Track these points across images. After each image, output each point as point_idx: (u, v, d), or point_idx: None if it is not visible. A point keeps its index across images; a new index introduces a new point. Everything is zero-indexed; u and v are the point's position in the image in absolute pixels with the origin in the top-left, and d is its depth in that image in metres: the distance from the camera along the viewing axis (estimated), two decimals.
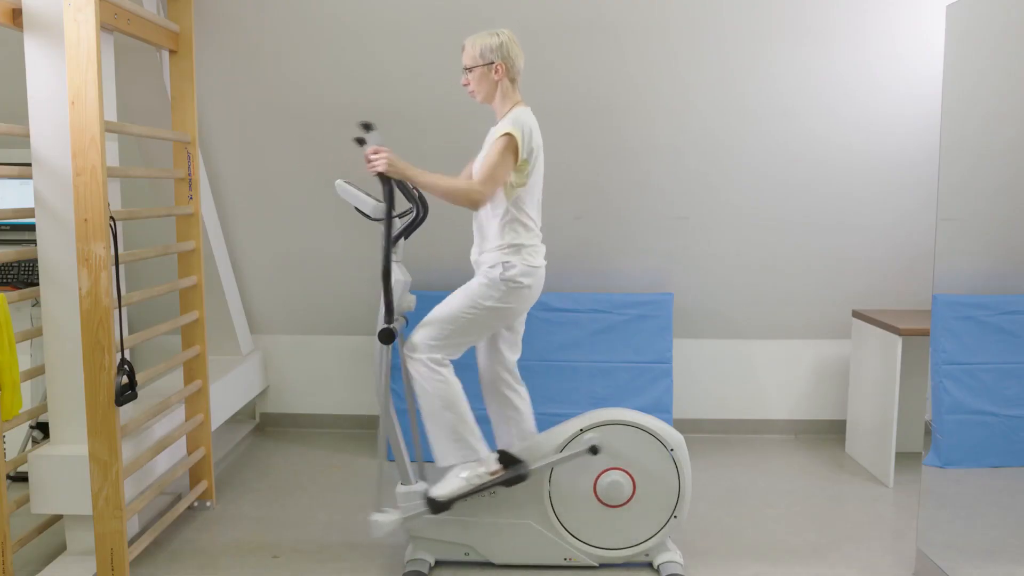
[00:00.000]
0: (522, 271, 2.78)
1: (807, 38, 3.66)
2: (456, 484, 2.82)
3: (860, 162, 3.93)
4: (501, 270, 2.77)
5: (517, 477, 2.84)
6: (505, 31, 2.81)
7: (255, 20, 3.66)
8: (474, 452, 2.81)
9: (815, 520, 3.43)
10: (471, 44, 2.80)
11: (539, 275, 2.85)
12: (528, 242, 2.81)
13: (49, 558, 2.93)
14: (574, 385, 4.07)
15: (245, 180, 4.08)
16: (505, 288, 2.77)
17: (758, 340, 4.44)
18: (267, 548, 3.16)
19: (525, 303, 2.86)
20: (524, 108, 2.83)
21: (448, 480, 2.84)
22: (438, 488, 2.84)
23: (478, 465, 2.82)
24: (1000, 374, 2.97)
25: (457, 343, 2.82)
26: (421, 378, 2.78)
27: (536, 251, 2.84)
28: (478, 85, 2.82)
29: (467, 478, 2.81)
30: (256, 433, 4.56)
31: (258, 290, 4.40)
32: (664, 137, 3.90)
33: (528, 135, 2.73)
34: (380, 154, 2.68)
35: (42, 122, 2.73)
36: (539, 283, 2.87)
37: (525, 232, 2.81)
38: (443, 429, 2.79)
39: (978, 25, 2.70)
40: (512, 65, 2.80)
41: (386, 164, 2.68)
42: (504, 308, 2.81)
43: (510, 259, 2.78)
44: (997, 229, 2.84)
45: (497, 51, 2.78)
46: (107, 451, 2.66)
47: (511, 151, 2.70)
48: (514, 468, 2.85)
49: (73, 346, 2.74)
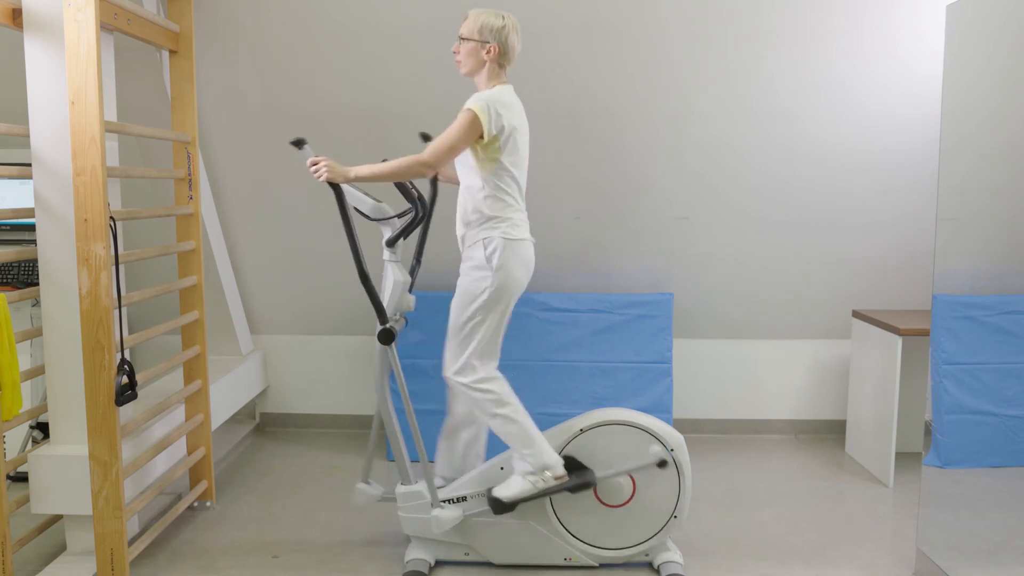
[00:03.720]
0: (500, 245, 2.76)
1: (807, 39, 3.66)
2: (522, 487, 2.80)
3: (860, 162, 3.93)
4: (482, 248, 2.77)
5: (584, 484, 2.84)
6: (511, 17, 2.81)
7: (255, 20, 3.66)
8: (542, 457, 2.81)
9: (815, 520, 3.43)
10: (473, 17, 2.80)
11: (522, 248, 2.82)
12: (507, 216, 2.79)
13: (49, 558, 2.93)
14: (574, 385, 4.07)
15: (245, 180, 4.08)
16: (491, 268, 2.76)
17: (758, 340, 4.44)
18: (267, 548, 3.16)
19: (518, 275, 2.82)
20: (504, 87, 2.82)
21: (513, 482, 2.83)
22: (503, 489, 2.83)
23: (544, 469, 2.82)
24: (1000, 374, 2.97)
25: (483, 347, 2.82)
26: (474, 403, 2.82)
27: (516, 224, 2.81)
28: (466, 58, 2.82)
29: (533, 481, 2.80)
30: (256, 433, 4.56)
31: (258, 290, 4.40)
32: (664, 137, 3.90)
33: (495, 114, 2.70)
34: (319, 164, 2.68)
35: (42, 122, 2.73)
36: (526, 254, 2.83)
37: (504, 207, 2.78)
38: (512, 439, 2.81)
39: (978, 25, 2.70)
40: (506, 51, 2.80)
41: (328, 172, 2.67)
42: (501, 287, 2.78)
43: (489, 234, 2.77)
44: (997, 229, 2.84)
45: (496, 33, 2.77)
46: (107, 451, 2.66)
47: (470, 126, 2.68)
48: (580, 475, 2.85)
49: (73, 346, 2.74)
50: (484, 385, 2.80)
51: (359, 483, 3.05)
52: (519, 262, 2.81)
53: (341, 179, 2.70)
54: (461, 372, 2.82)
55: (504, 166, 2.77)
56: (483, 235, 2.78)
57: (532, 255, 2.87)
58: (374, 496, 3.04)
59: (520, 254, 2.81)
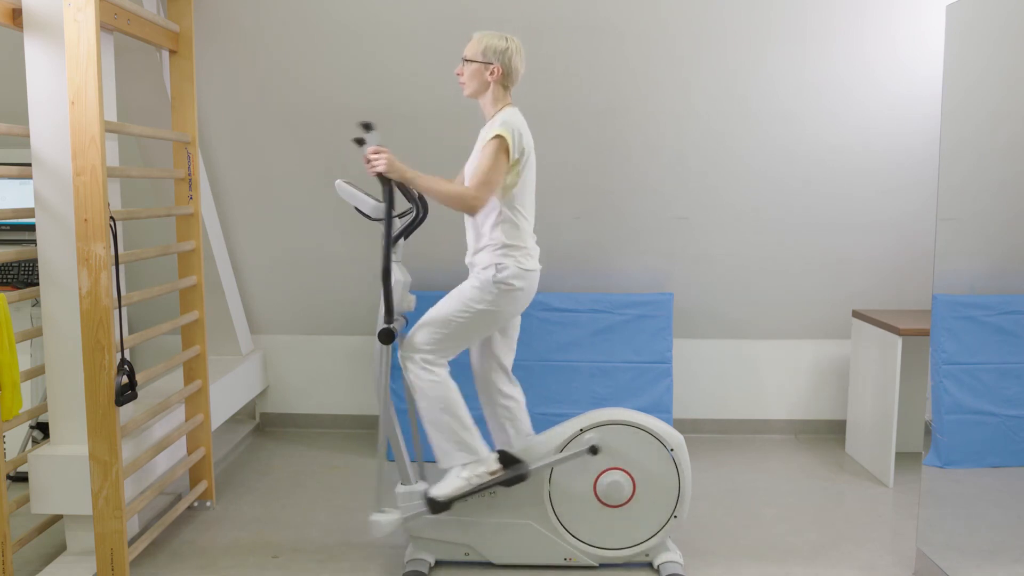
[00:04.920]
0: (514, 273, 2.78)
1: (807, 39, 3.66)
2: (456, 484, 2.82)
3: (860, 162, 3.93)
4: (494, 272, 2.78)
5: (517, 477, 2.84)
6: (515, 40, 2.82)
7: (255, 20, 3.66)
8: (474, 452, 2.82)
9: (815, 520, 3.43)
10: (478, 39, 2.81)
11: (532, 278, 2.85)
12: (521, 243, 2.81)
13: (49, 558, 2.93)
14: (574, 385, 4.07)
15: (245, 180, 4.08)
16: (497, 291, 2.78)
17: (758, 340, 4.44)
18: (267, 548, 3.16)
19: (517, 306, 2.87)
20: (513, 109, 2.84)
21: (448, 480, 2.84)
22: (438, 488, 2.84)
23: (478, 465, 2.82)
24: (1000, 374, 2.97)
25: (450, 346, 2.84)
26: (416, 379, 2.80)
27: (529, 254, 2.85)
28: (470, 79, 2.83)
29: (467, 478, 2.81)
30: (256, 433, 4.56)
31: (258, 290, 4.40)
32: (664, 137, 3.90)
33: (518, 136, 2.73)
34: (380, 154, 2.69)
35: (42, 122, 2.73)
36: (532, 287, 2.87)
37: (518, 233, 2.81)
38: (442, 430, 2.80)
39: (978, 25, 2.70)
40: (509, 73, 2.81)
41: (386, 165, 2.69)
42: (495, 311, 2.81)
43: (503, 260, 2.78)
44: (997, 229, 2.84)
45: (499, 55, 2.78)
46: (107, 451, 2.66)
47: (503, 152, 2.71)
48: (514, 468, 2.85)
49: (73, 346, 2.74)
50: (433, 368, 2.79)
51: (373, 515, 2.90)
52: (526, 293, 2.85)
53: (396, 175, 2.71)
54: (416, 349, 2.80)
55: (521, 190, 2.79)
56: (497, 260, 2.79)
57: (536, 284, 2.90)
58: (392, 524, 2.89)
59: (530, 285, 2.85)
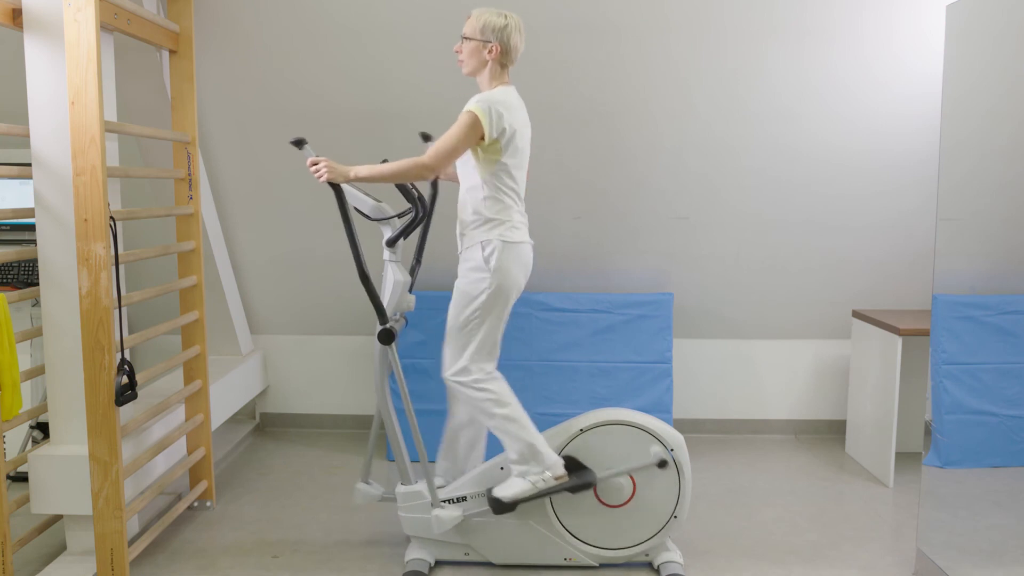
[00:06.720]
0: (499, 246, 2.76)
1: (807, 38, 3.66)
2: (522, 487, 2.80)
3: (860, 162, 3.93)
4: (480, 250, 2.77)
5: (584, 484, 2.84)
6: (514, 16, 2.79)
7: (255, 20, 3.66)
8: (541, 457, 2.81)
9: (815, 520, 3.43)
10: (476, 16, 2.79)
11: (520, 250, 2.81)
12: (505, 218, 2.78)
13: (49, 558, 2.93)
14: (574, 385, 4.07)
15: (245, 180, 4.08)
16: (489, 270, 2.76)
17: (758, 340, 4.44)
18: (267, 548, 3.16)
19: (514, 279, 2.81)
20: (507, 88, 2.81)
21: (513, 482, 2.82)
22: (502, 489, 2.82)
23: (544, 469, 2.81)
24: (1000, 374, 2.97)
25: (483, 348, 2.81)
26: (473, 403, 2.82)
27: (514, 227, 2.80)
28: (468, 57, 2.81)
29: (533, 481, 2.80)
30: (256, 433, 4.56)
31: (258, 290, 4.40)
32: (664, 137, 3.90)
33: (496, 115, 2.69)
34: (318, 164, 2.67)
35: (42, 122, 2.72)
36: (524, 258, 2.83)
37: (503, 209, 2.78)
38: (511, 439, 2.80)
39: (978, 25, 2.70)
40: (508, 51, 2.79)
41: (328, 173, 2.66)
42: (498, 290, 2.78)
43: (487, 236, 2.77)
44: (997, 229, 2.84)
45: (498, 32, 2.76)
46: (107, 451, 2.66)
47: (471, 128, 2.68)
48: (580, 475, 2.84)
49: (73, 346, 2.74)
50: (483, 385, 2.80)
51: (359, 483, 3.06)
52: (517, 264, 2.81)
53: (341, 179, 2.69)
54: (460, 373, 2.82)
55: (504, 167, 2.76)
56: (481, 237, 2.78)
57: (530, 257, 2.87)
58: (374, 496, 3.05)
59: (518, 256, 2.81)
